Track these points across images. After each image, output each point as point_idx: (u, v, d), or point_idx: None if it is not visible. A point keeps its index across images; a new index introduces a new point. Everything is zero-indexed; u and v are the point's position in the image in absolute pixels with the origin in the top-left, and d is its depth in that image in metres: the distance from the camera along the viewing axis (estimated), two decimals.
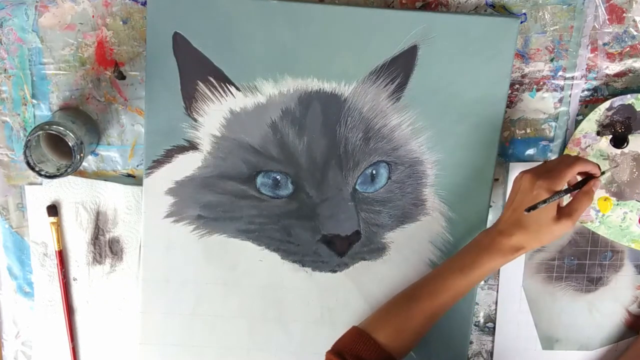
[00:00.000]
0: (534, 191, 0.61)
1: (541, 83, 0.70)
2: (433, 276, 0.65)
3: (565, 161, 0.63)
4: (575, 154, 0.70)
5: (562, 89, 0.70)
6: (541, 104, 0.70)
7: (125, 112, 0.69)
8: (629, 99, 0.69)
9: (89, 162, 0.70)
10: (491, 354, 0.75)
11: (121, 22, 0.66)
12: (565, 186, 0.63)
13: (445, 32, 0.66)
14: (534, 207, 0.59)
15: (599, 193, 0.71)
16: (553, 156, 0.71)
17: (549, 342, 0.75)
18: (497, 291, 0.74)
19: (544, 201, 0.60)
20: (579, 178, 0.65)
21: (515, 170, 0.71)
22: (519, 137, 0.71)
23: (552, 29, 0.69)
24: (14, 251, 0.71)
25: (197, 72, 0.66)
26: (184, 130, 0.67)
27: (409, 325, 0.63)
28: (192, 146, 0.68)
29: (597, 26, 0.69)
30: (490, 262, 0.62)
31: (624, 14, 0.69)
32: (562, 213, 0.62)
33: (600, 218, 0.71)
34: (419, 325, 0.63)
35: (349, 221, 0.69)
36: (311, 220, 0.69)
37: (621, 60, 0.70)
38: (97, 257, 0.71)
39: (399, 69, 0.67)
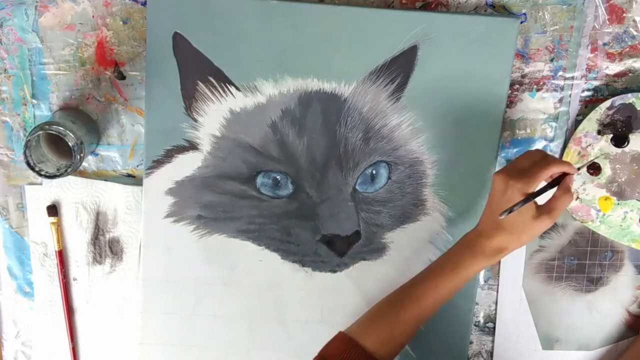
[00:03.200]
0: (507, 193, 0.59)
1: (541, 83, 0.70)
2: (417, 280, 0.64)
3: (540, 163, 0.61)
4: (576, 153, 0.70)
5: (562, 89, 0.70)
6: (541, 104, 0.70)
7: (125, 112, 0.69)
8: (629, 98, 0.69)
9: (89, 162, 0.70)
10: (491, 354, 0.75)
11: (121, 22, 0.66)
12: (539, 186, 0.61)
13: (445, 32, 0.66)
14: (509, 211, 0.58)
15: (600, 192, 0.71)
16: None
17: (549, 342, 0.75)
18: (497, 291, 0.74)
19: (518, 204, 0.58)
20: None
21: None
22: (519, 137, 0.71)
23: (552, 29, 0.69)
24: (14, 251, 0.71)
25: (197, 72, 0.66)
26: (184, 130, 0.67)
27: (396, 331, 0.62)
28: (192, 146, 0.68)
29: (597, 26, 0.69)
30: (474, 265, 0.62)
31: (624, 14, 0.69)
32: (542, 211, 0.60)
33: (601, 217, 0.71)
34: (407, 330, 0.63)
35: (349, 221, 0.69)
36: (311, 220, 0.69)
37: (621, 60, 0.70)
38: (97, 257, 0.71)
39: (399, 69, 0.67)
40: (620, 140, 0.70)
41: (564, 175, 0.62)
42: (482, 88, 0.67)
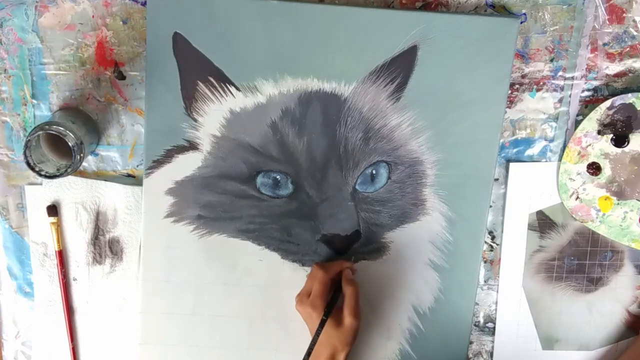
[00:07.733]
0: (308, 323, 0.66)
1: (541, 83, 0.70)
2: None
3: (317, 277, 0.65)
4: (576, 153, 0.70)
5: (562, 89, 0.70)
6: (541, 104, 0.70)
7: (125, 112, 0.69)
8: (629, 98, 0.69)
9: (89, 162, 0.70)
10: (491, 354, 0.75)
11: (121, 22, 0.66)
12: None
13: (445, 32, 0.66)
14: (314, 342, 0.62)
15: (600, 192, 0.71)
16: (553, 156, 0.71)
17: (549, 342, 0.75)
18: (497, 291, 0.74)
19: (317, 331, 0.62)
20: None
21: (515, 170, 0.71)
22: (519, 137, 0.71)
23: (552, 29, 0.69)
24: (14, 251, 0.71)
25: (197, 72, 0.66)
26: (184, 130, 0.67)
27: None
28: (192, 146, 0.68)
29: (597, 26, 0.69)
30: None
31: (624, 14, 0.69)
32: (344, 314, 0.64)
33: (601, 217, 0.71)
34: None
35: (349, 221, 0.69)
36: (311, 219, 0.69)
37: (621, 60, 0.70)
38: (97, 257, 0.71)
39: (398, 69, 0.67)
40: (620, 140, 0.70)
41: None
42: (482, 88, 0.67)
